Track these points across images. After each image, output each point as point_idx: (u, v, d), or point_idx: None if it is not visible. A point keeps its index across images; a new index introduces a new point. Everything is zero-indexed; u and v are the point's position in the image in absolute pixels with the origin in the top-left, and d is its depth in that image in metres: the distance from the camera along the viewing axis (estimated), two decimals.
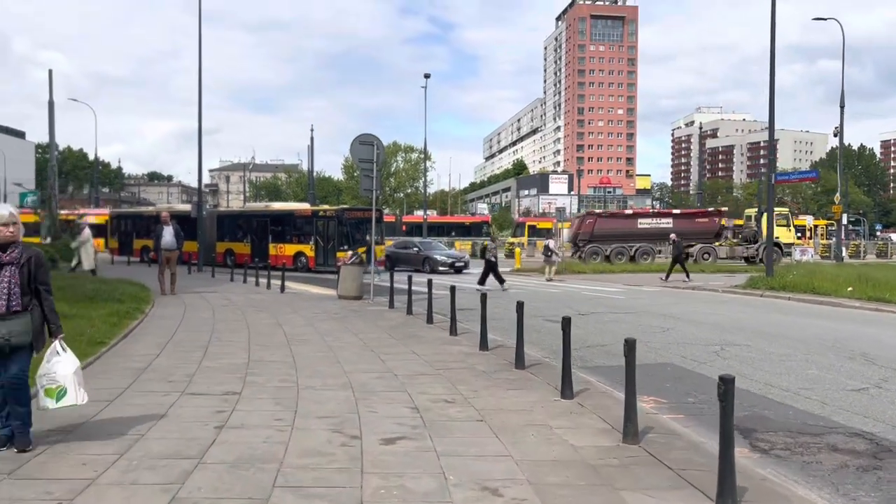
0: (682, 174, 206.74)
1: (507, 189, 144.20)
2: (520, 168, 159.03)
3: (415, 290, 14.14)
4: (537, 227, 58.38)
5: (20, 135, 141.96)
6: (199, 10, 27.53)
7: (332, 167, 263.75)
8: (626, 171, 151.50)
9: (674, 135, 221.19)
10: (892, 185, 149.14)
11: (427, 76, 43.05)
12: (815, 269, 20.71)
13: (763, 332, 12.08)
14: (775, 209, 32.31)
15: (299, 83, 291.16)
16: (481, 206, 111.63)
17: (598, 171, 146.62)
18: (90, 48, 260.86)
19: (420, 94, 41.99)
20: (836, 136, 31.04)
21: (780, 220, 32.47)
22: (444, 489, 4.10)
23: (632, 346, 5.29)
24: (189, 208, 30.98)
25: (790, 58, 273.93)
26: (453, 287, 11.24)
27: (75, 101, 62.05)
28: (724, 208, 43.05)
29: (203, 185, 29.54)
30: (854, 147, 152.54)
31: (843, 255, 31.78)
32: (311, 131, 44.97)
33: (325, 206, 34.38)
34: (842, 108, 30.06)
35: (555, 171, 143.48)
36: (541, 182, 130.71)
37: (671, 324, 13.13)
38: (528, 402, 6.42)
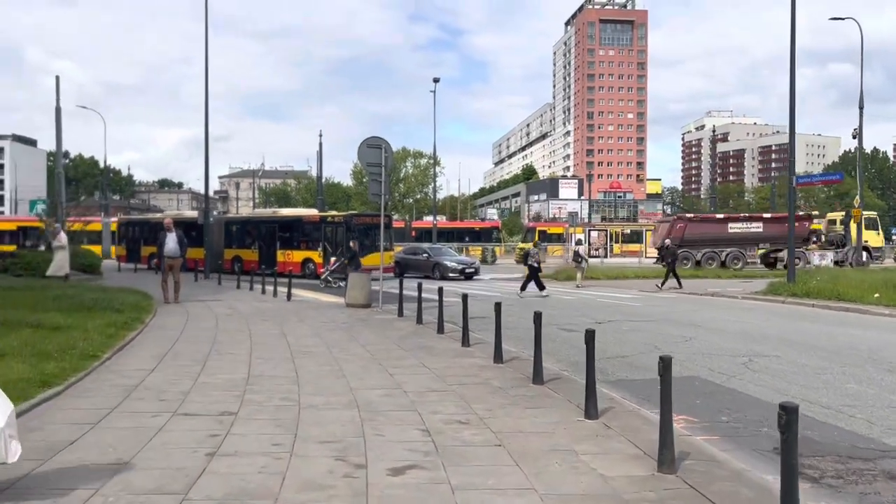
0: (693, 178, 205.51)
1: (517, 194, 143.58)
2: (529, 173, 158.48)
3: (424, 297, 13.63)
4: (548, 232, 57.72)
5: (32, 143, 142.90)
6: (206, 18, 27.17)
7: (341, 173, 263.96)
8: (637, 176, 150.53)
9: (684, 139, 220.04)
10: None
11: (436, 80, 42.63)
12: (838, 275, 20.06)
13: (791, 342, 11.49)
14: (865, 212, 31.71)
15: (309, 90, 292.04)
16: (491, 212, 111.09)
17: (608, 175, 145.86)
18: (102, 57, 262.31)
19: (429, 99, 41.55)
20: (855, 137, 30.34)
21: (869, 224, 31.88)
22: None
23: (667, 364, 4.75)
24: (196, 215, 30.57)
25: (801, 62, 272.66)
26: (465, 295, 10.72)
27: (84, 108, 61.94)
28: (814, 212, 42.32)
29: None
30: (867, 150, 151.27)
31: (863, 258, 31.01)
32: (320, 137, 44.65)
33: (333, 212, 33.95)
34: (861, 109, 29.38)
35: (564, 176, 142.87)
36: (550, 187, 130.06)
37: (693, 332, 12.56)
38: (549, 423, 5.89)
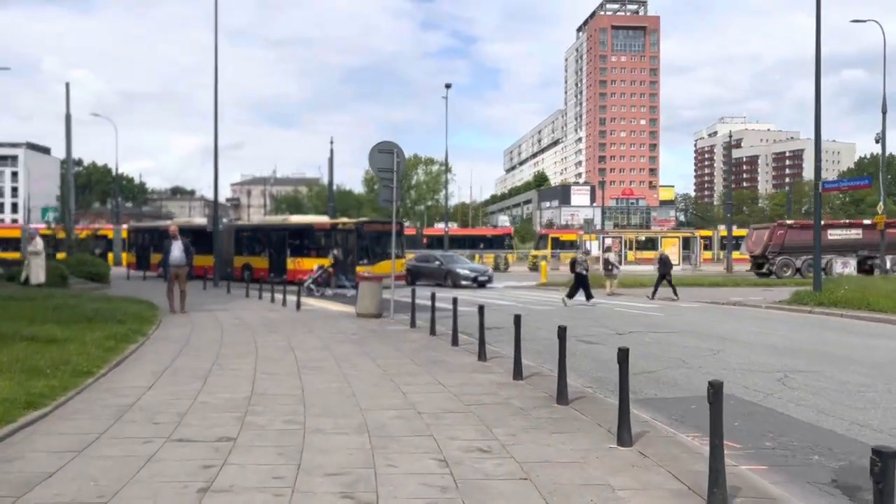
0: (706, 185, 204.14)
1: (529, 201, 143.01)
2: (541, 180, 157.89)
3: (438, 306, 13.12)
4: (560, 238, 57.10)
5: (46, 151, 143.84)
6: (216, 26, 26.86)
7: (353, 181, 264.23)
8: (650, 183, 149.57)
9: (696, 145, 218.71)
10: None
11: (448, 86, 42.24)
12: (867, 284, 19.36)
13: (827, 356, 10.87)
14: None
15: (321, 98, 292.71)
16: (502, 219, 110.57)
17: (620, 182, 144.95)
18: (119, 66, 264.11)
19: (441, 107, 41.07)
20: (878, 142, 29.60)
21: None
22: None
23: (718, 390, 4.18)
24: (205, 222, 30.21)
25: (813, 68, 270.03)
26: (482, 307, 10.18)
27: (96, 115, 61.95)
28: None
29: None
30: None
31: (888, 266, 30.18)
32: (331, 144, 44.25)
33: (344, 219, 33.51)
34: (884, 113, 28.64)
35: (576, 183, 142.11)
36: (562, 193, 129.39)
37: (720, 345, 11.96)
38: (578, 452, 5.34)
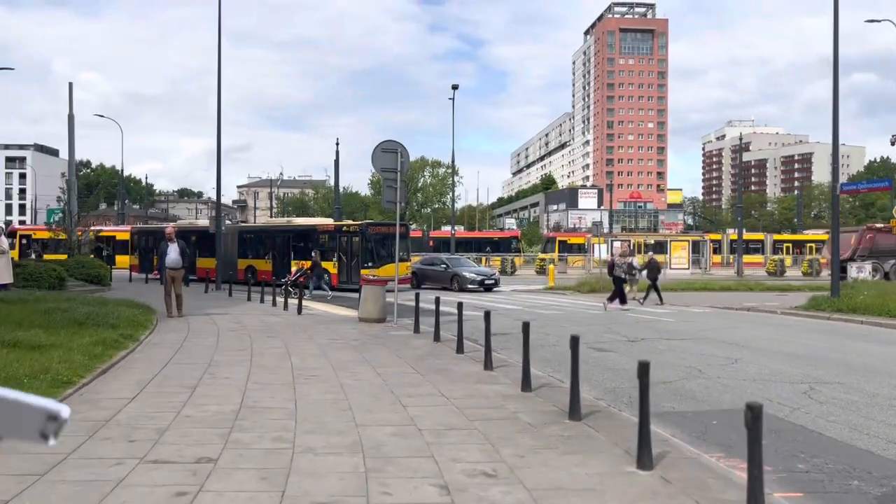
0: (714, 189, 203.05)
1: (536, 204, 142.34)
2: (548, 183, 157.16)
3: (443, 310, 12.63)
4: (568, 242, 56.50)
5: (54, 153, 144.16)
6: (219, 28, 26.43)
7: (359, 183, 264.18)
8: (657, 186, 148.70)
9: (704, 149, 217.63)
10: None
11: (455, 87, 41.77)
12: (887, 290, 18.76)
13: (851, 365, 10.32)
14: None
15: (328, 100, 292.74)
16: (509, 222, 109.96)
17: (627, 185, 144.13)
18: (127, 69, 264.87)
19: (448, 110, 40.64)
20: (894, 143, 28.97)
21: None
22: None
23: (757, 414, 3.67)
24: (208, 223, 29.80)
25: (823, 72, 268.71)
26: (488, 312, 9.67)
27: (100, 116, 61.75)
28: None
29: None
30: (893, 160, 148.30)
31: None
32: (337, 145, 43.88)
33: (349, 221, 33.08)
34: None
35: (584, 186, 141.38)
36: (569, 197, 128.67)
37: (738, 353, 11.42)
38: (594, 476, 4.83)
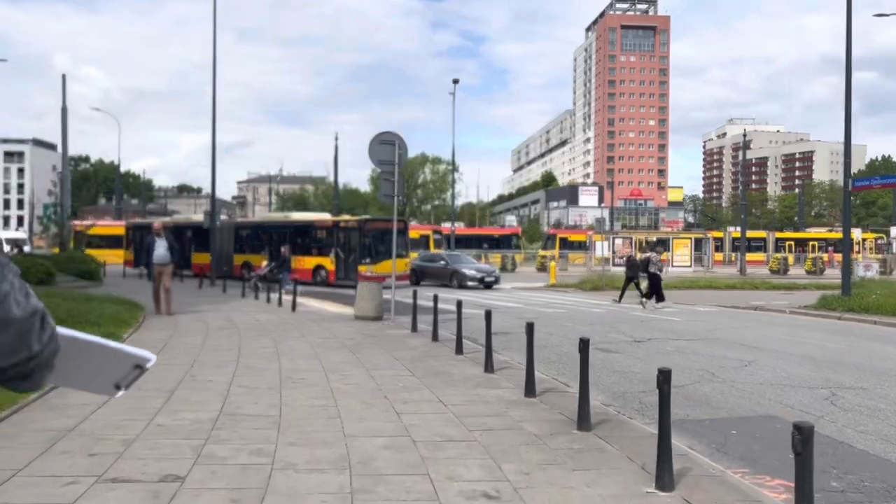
0: (714, 187, 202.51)
1: (536, 201, 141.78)
2: (549, 180, 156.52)
3: (442, 308, 12.11)
4: (569, 239, 55.94)
5: (52, 147, 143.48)
6: (214, 19, 25.84)
7: (360, 180, 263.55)
8: (658, 184, 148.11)
9: (705, 147, 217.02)
10: None
11: (455, 81, 41.27)
12: None
13: (871, 369, 9.79)
14: None
15: (330, 96, 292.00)
16: (510, 219, 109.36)
17: (628, 182, 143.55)
18: (128, 64, 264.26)
19: (449, 107, 40.10)
20: None
21: None
22: None
23: (808, 437, 3.11)
24: (202, 218, 29.25)
25: (825, 70, 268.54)
26: (489, 311, 9.14)
27: (97, 110, 61.37)
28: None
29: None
30: (894, 158, 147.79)
31: None
32: (336, 140, 43.38)
33: (347, 217, 32.46)
34: None
35: (584, 183, 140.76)
36: (570, 194, 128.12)
37: (751, 355, 10.88)
38: (608, 498, 4.30)
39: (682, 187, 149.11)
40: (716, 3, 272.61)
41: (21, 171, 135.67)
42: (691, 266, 41.62)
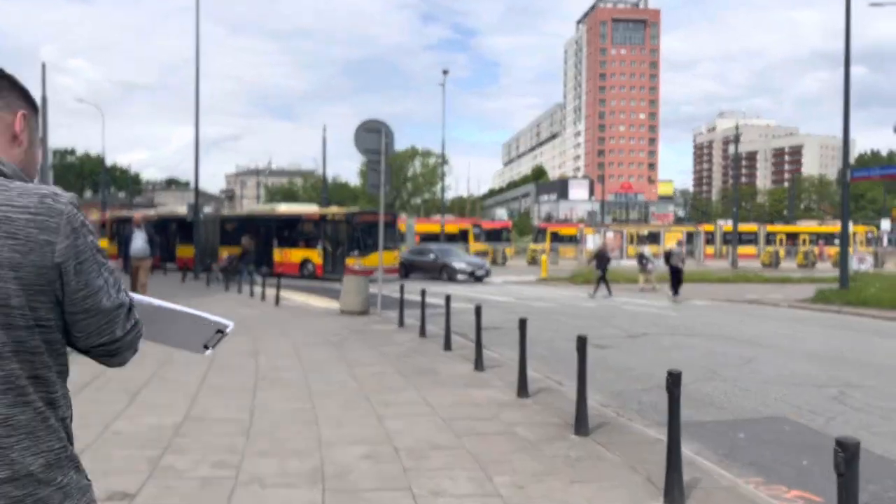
0: (704, 180, 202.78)
1: (527, 195, 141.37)
2: (539, 174, 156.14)
3: (431, 302, 11.64)
4: (560, 233, 55.50)
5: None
6: (197, 12, 25.15)
7: (350, 173, 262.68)
8: (648, 177, 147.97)
9: (695, 140, 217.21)
10: None
11: (445, 72, 40.72)
12: None
13: (877, 366, 9.38)
14: None
15: (320, 90, 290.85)
16: (500, 212, 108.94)
17: (619, 176, 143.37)
18: (117, 56, 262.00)
19: (440, 101, 39.53)
20: None
21: None
22: None
23: (852, 456, 2.63)
24: (185, 211, 28.61)
25: (815, 64, 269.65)
26: (479, 307, 8.66)
27: (81, 101, 60.37)
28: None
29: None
30: (883, 153, 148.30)
31: None
32: (324, 132, 42.69)
33: (335, 208, 31.88)
34: None
35: (575, 177, 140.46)
36: (561, 187, 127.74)
37: (751, 351, 10.45)
38: None
39: (672, 181, 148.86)
40: None
41: None
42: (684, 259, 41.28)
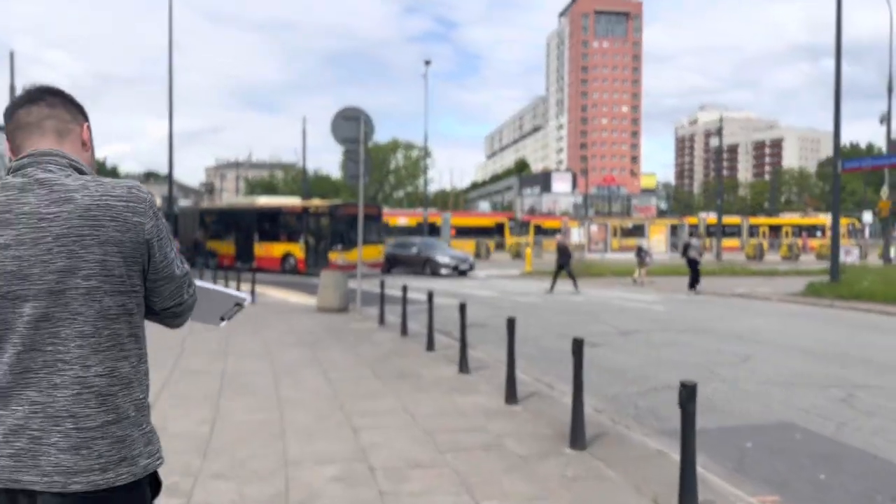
0: (686, 173, 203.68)
1: (510, 188, 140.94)
2: (522, 166, 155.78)
3: (413, 297, 11.09)
4: (543, 226, 55.11)
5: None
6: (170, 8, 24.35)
7: (332, 166, 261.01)
8: (631, 170, 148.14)
9: (677, 133, 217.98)
10: None
11: (427, 63, 40.05)
12: (892, 276, 17.59)
13: (880, 364, 8.96)
14: None
15: (302, 82, 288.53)
16: (483, 206, 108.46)
17: (601, 169, 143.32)
18: (95, 48, 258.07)
19: (422, 93, 38.88)
20: (883, 122, 27.94)
21: None
22: None
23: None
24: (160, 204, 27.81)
25: (796, 56, 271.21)
26: (463, 305, 8.12)
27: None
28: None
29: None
30: (862, 146, 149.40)
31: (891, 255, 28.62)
32: (304, 123, 41.99)
33: (317, 201, 31.17)
34: (889, 92, 26.99)
35: (557, 170, 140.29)
36: (543, 180, 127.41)
37: (746, 348, 10.01)
38: None
39: (654, 174, 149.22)
40: None
41: None
42: (667, 252, 41.04)
